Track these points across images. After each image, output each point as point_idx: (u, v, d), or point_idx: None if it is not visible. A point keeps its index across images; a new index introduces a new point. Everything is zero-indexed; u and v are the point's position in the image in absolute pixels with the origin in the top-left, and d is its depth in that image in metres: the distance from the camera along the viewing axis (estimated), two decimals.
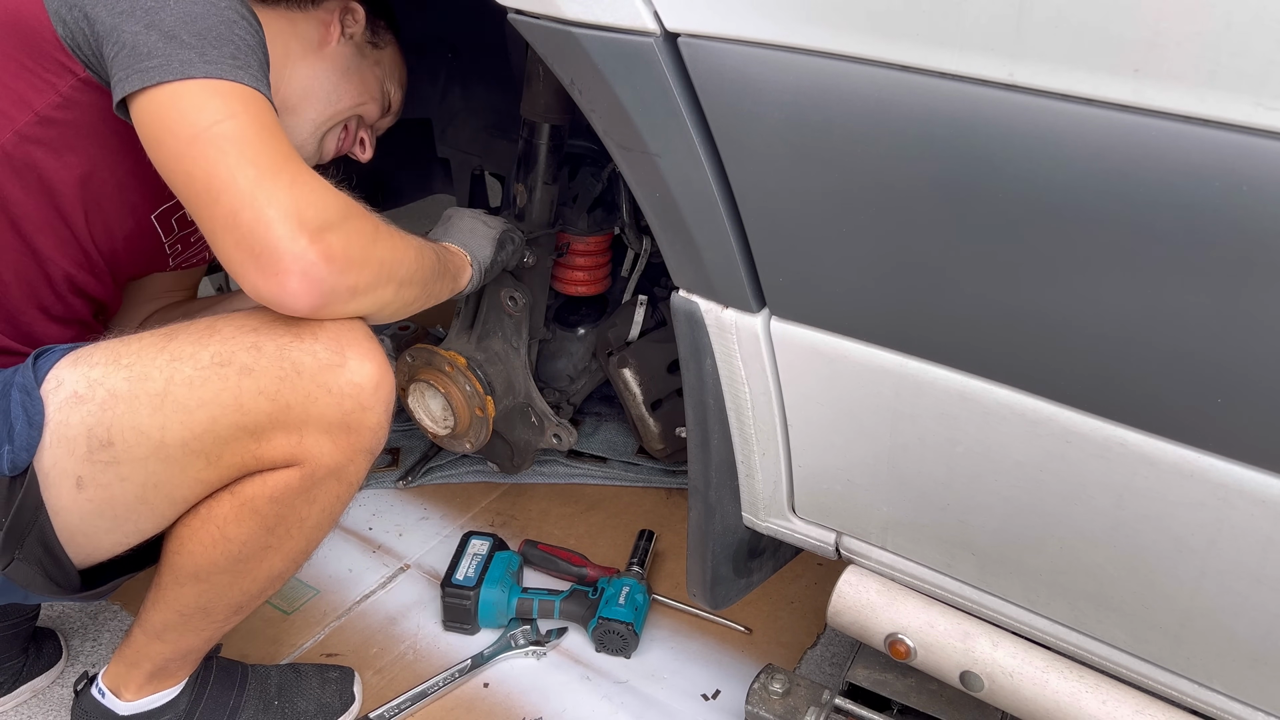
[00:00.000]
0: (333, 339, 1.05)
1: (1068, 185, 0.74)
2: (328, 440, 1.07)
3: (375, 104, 1.41)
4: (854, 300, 0.94)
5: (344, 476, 1.12)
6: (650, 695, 1.46)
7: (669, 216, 1.00)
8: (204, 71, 1.00)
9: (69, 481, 1.03)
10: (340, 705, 1.39)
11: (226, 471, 1.07)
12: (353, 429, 1.08)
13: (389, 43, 1.44)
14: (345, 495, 1.15)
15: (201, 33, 1.01)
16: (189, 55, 0.99)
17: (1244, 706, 0.91)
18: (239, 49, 1.04)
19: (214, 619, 1.20)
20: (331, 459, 1.08)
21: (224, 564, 1.13)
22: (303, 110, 1.33)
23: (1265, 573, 0.82)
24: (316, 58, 1.32)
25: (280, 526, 1.12)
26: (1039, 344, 0.84)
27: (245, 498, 1.09)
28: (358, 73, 1.37)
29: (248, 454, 1.06)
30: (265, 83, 1.05)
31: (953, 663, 1.08)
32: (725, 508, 1.20)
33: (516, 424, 1.68)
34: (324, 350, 1.05)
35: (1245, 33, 0.64)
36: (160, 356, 1.03)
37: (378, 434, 1.11)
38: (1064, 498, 0.90)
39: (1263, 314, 0.71)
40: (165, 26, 1.00)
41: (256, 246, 0.96)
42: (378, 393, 1.08)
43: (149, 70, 0.99)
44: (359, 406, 1.07)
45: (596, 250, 1.65)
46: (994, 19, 0.72)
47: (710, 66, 0.87)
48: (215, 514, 1.10)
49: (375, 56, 1.41)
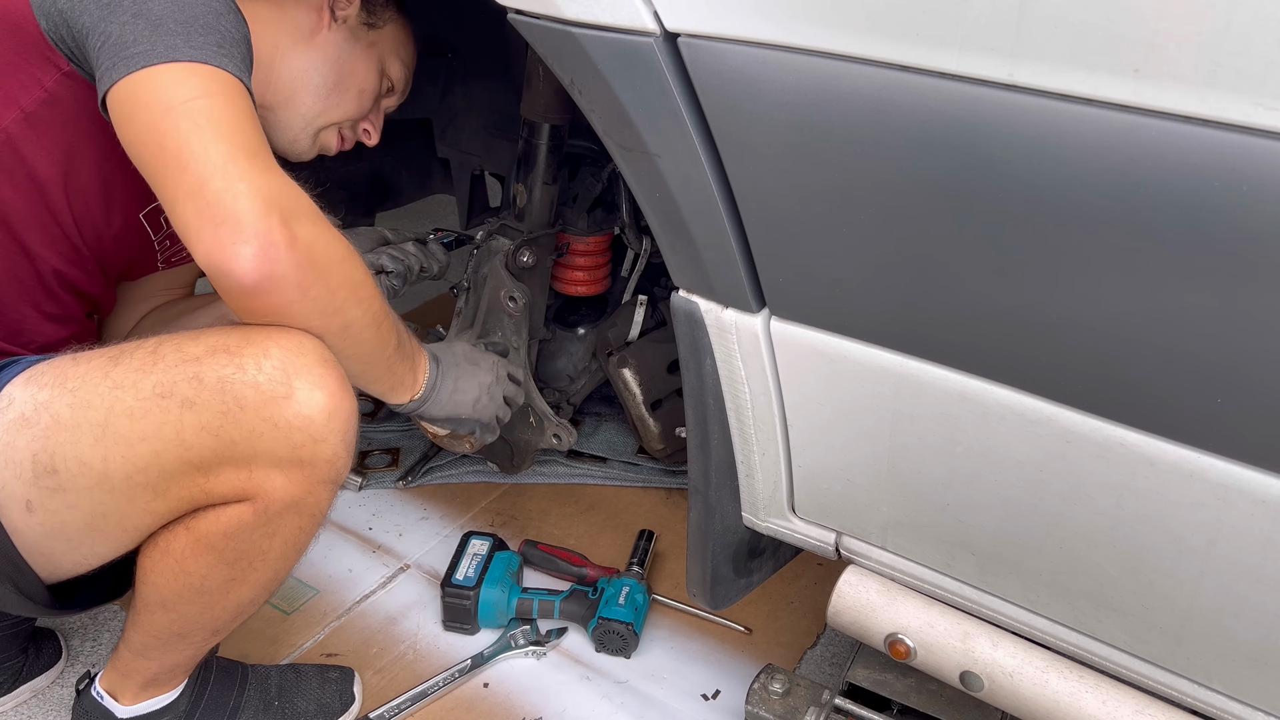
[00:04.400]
0: (279, 367, 0.99)
1: (1068, 185, 0.74)
2: (280, 475, 1.02)
3: (370, 96, 1.38)
4: (854, 300, 0.94)
5: (304, 509, 1.06)
6: (650, 695, 1.46)
7: (669, 216, 1.00)
8: (189, 55, 0.98)
9: (19, 504, 1.01)
10: (340, 705, 1.39)
11: (177, 504, 1.03)
12: (306, 462, 1.02)
13: (390, 19, 1.38)
14: (309, 526, 1.10)
15: (187, 21, 1.00)
16: (174, 41, 0.98)
17: (1244, 706, 0.91)
18: (225, 39, 1.02)
19: (192, 641, 1.19)
20: (287, 493, 1.03)
21: (188, 595, 1.10)
22: (295, 104, 1.31)
23: (1265, 573, 0.82)
24: (308, 47, 1.29)
25: (241, 560, 1.08)
26: (1039, 344, 0.84)
27: (200, 533, 1.05)
28: (350, 62, 1.33)
29: (196, 489, 1.02)
30: (248, 75, 1.04)
31: (953, 663, 1.08)
32: (725, 508, 1.20)
33: (516, 424, 1.68)
34: (268, 381, 0.98)
35: (1245, 33, 0.64)
36: (104, 384, 0.99)
37: (335, 464, 1.05)
38: (1064, 498, 0.90)
39: (1263, 314, 0.71)
40: (152, 15, 0.99)
41: (220, 214, 0.92)
42: (330, 423, 1.01)
43: (133, 57, 0.97)
44: (310, 439, 1.01)
45: (596, 250, 1.65)
46: (994, 19, 0.72)
47: (710, 66, 0.87)
48: (173, 548, 1.07)
49: (371, 38, 1.35)
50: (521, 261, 1.53)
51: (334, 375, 1.02)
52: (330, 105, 1.34)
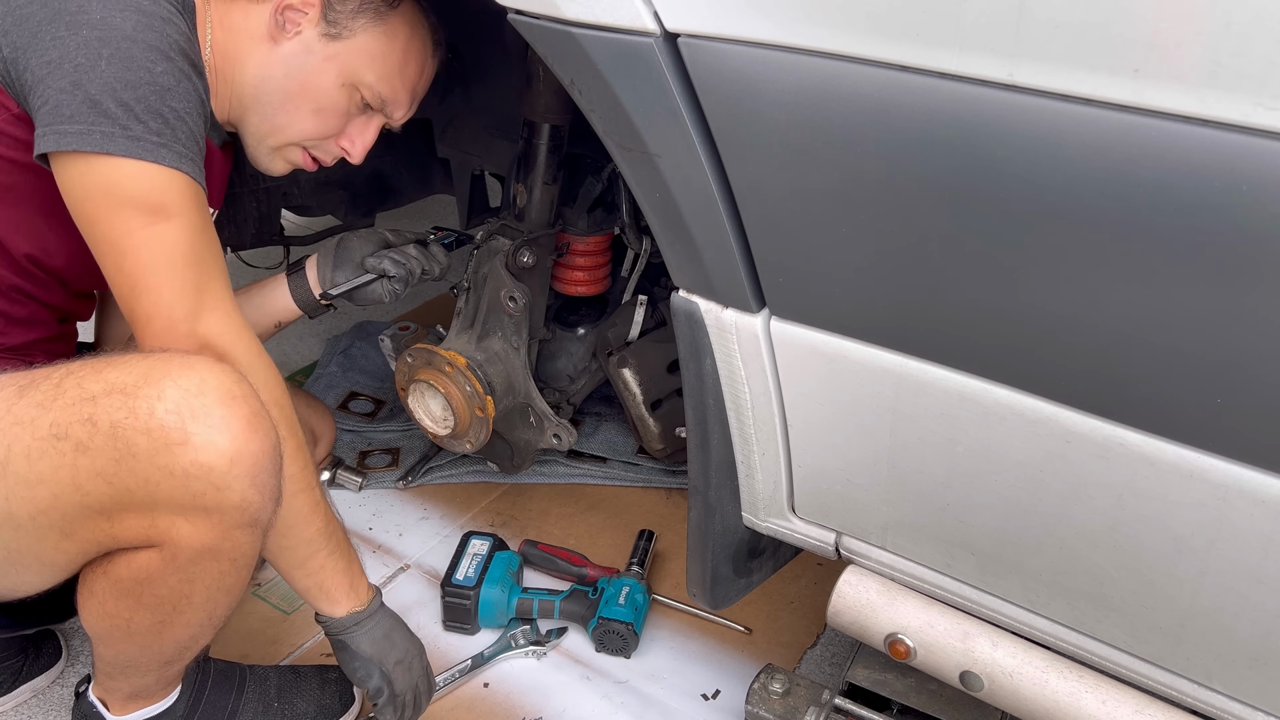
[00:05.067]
0: (174, 410, 0.93)
1: (1067, 185, 0.74)
2: (185, 523, 0.96)
3: (333, 114, 1.26)
4: (854, 300, 0.93)
5: (221, 555, 1.01)
6: (650, 695, 1.46)
7: (669, 216, 1.00)
8: (124, 149, 0.97)
9: None
10: (340, 706, 1.39)
11: (87, 546, 0.99)
12: (212, 510, 0.96)
13: (361, 27, 1.21)
14: (233, 570, 1.04)
15: (128, 103, 0.97)
16: (111, 128, 0.96)
17: (1244, 706, 0.91)
18: (167, 121, 1.00)
19: (147, 670, 1.17)
20: (197, 541, 0.98)
21: (119, 636, 1.08)
22: (246, 122, 1.25)
23: (1265, 573, 0.82)
24: (263, 58, 1.20)
25: (162, 606, 1.04)
26: (1039, 344, 0.84)
27: (115, 578, 1.02)
28: (301, 77, 1.21)
29: (102, 533, 0.97)
30: (190, 157, 1.02)
31: (952, 663, 1.08)
32: (725, 508, 1.20)
33: (516, 424, 1.68)
34: (160, 427, 0.92)
35: (1245, 33, 0.64)
36: (6, 418, 0.95)
37: (247, 510, 0.98)
38: (1064, 498, 0.90)
39: (1263, 314, 0.71)
40: (91, 89, 0.96)
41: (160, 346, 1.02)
42: (234, 468, 0.95)
43: (68, 135, 0.96)
44: (211, 487, 0.95)
45: (596, 250, 1.65)
46: (994, 19, 0.72)
47: (710, 66, 0.87)
48: (95, 589, 1.04)
49: (330, 51, 1.21)
50: (521, 261, 1.53)
51: (240, 414, 0.96)
52: (281, 124, 1.25)
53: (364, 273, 1.46)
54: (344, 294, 1.46)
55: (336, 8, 1.20)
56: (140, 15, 1.01)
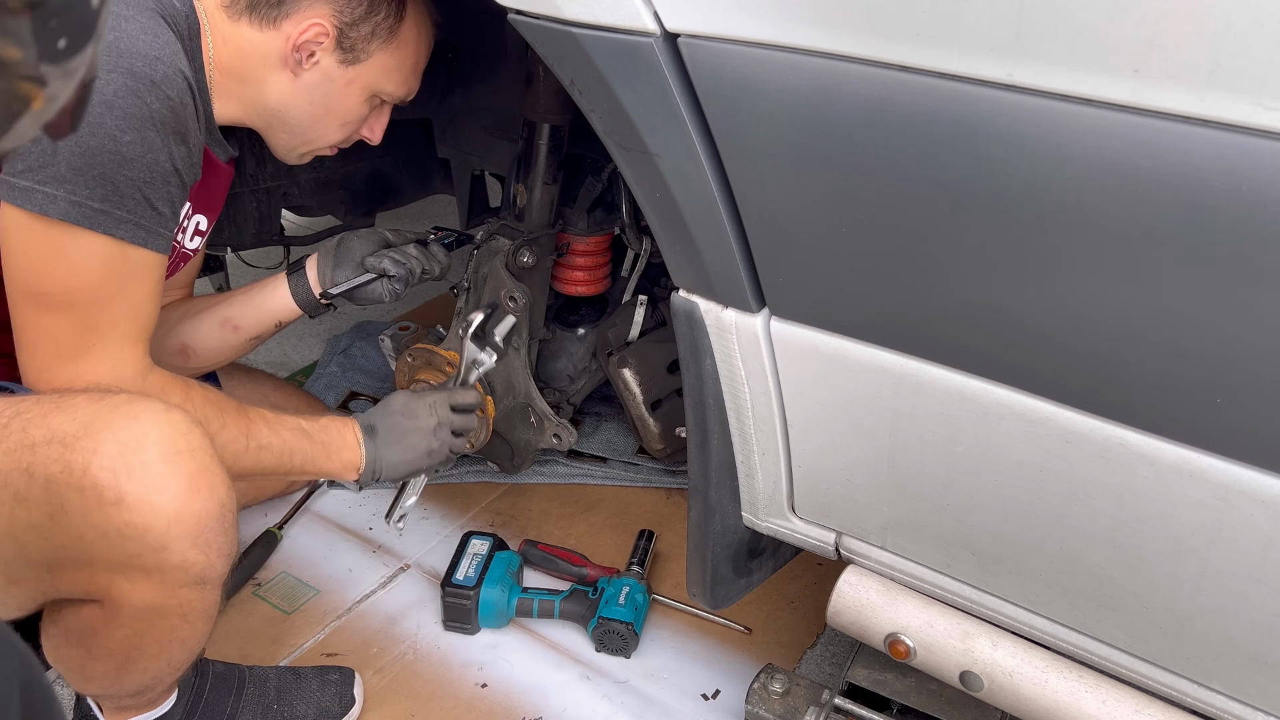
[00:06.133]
0: (109, 466, 0.87)
1: (1067, 185, 0.74)
2: (126, 581, 0.92)
3: (357, 121, 1.33)
4: (854, 300, 0.94)
5: (169, 613, 0.96)
6: (650, 695, 1.46)
7: (669, 216, 1.00)
8: (61, 212, 0.97)
9: None
10: (340, 708, 1.38)
11: (34, 593, 0.96)
12: (152, 570, 0.91)
13: (376, 48, 1.26)
14: (184, 625, 0.99)
15: (80, 168, 0.97)
16: (56, 192, 0.97)
17: (1244, 706, 0.91)
18: (114, 190, 0.99)
19: (119, 698, 1.16)
20: (141, 599, 0.94)
21: (79, 679, 1.06)
22: (274, 133, 1.29)
23: (1265, 573, 0.82)
24: (287, 82, 1.24)
25: (114, 656, 1.01)
26: (1039, 344, 0.84)
27: (65, 626, 0.99)
28: (327, 100, 1.27)
29: (45, 583, 0.94)
30: (134, 222, 1.02)
31: (952, 663, 1.08)
32: (725, 508, 1.20)
33: (516, 424, 1.68)
34: (93, 485, 0.87)
35: (1245, 33, 0.64)
36: None
37: (190, 570, 0.93)
38: (1064, 498, 0.90)
39: (1263, 314, 0.71)
40: (46, 144, 0.95)
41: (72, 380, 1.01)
42: (173, 529, 0.89)
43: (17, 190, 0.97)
44: (148, 549, 0.90)
45: (596, 250, 1.65)
46: (993, 19, 0.72)
47: (710, 67, 0.87)
48: (50, 633, 1.02)
49: (351, 74, 1.26)
50: (522, 261, 1.53)
51: (182, 471, 0.91)
52: (311, 139, 1.32)
53: (364, 272, 1.47)
54: (344, 293, 1.47)
55: (350, 35, 1.23)
56: (129, 79, 1.00)
